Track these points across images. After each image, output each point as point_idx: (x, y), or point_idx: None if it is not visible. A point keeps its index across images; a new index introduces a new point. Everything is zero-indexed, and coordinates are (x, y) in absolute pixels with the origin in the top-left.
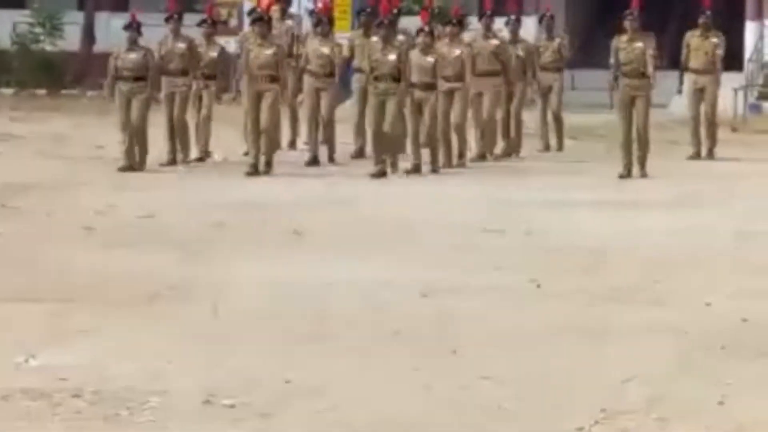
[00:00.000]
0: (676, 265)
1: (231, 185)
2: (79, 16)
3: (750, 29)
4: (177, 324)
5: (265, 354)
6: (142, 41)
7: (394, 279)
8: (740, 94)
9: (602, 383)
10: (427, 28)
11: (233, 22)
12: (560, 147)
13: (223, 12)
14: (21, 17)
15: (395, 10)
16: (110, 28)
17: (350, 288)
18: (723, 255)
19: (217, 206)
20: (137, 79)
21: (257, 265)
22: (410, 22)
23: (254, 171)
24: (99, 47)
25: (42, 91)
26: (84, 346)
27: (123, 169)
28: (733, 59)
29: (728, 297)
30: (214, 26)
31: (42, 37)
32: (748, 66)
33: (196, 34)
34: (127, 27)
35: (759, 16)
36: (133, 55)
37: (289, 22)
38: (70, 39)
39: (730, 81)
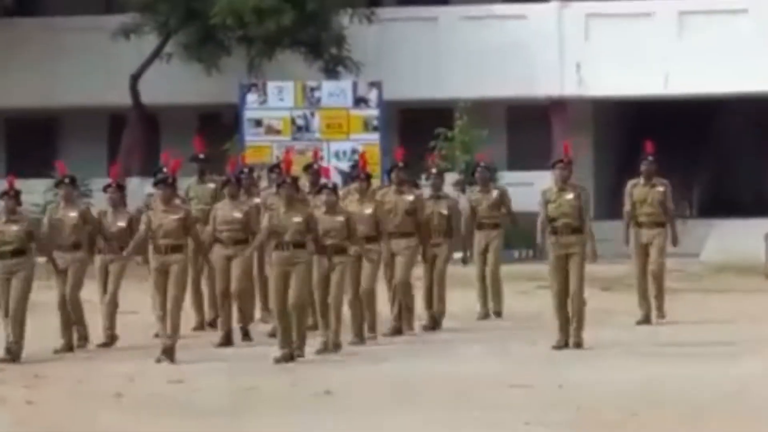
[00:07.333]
0: (711, 415)
1: (254, 349)
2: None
3: None
4: None
5: None
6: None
7: None
8: None
9: None
10: (330, 184)
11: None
12: (499, 312)
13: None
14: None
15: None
16: (142, 193)
17: None
18: (761, 402)
19: (246, 370)
20: (16, 253)
21: (289, 430)
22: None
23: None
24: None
25: None
26: None
27: None
28: (762, 204)
29: None
30: (121, 191)
31: None
32: None
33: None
34: (2, 195)
35: None
36: (11, 227)
37: (210, 185)
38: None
39: (760, 227)
